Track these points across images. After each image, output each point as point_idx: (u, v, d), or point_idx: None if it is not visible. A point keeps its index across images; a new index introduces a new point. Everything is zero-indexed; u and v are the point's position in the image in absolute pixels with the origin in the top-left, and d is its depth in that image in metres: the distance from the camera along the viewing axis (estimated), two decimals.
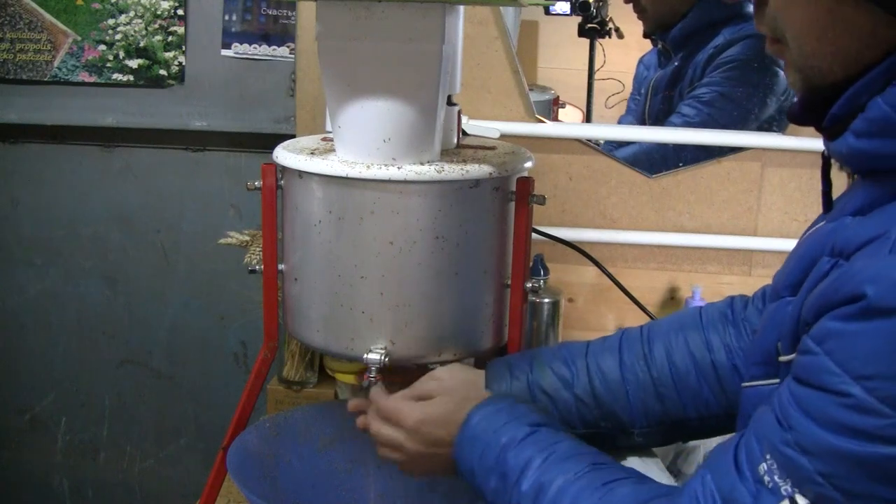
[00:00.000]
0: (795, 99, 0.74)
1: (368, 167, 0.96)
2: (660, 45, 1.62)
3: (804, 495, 0.60)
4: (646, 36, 1.63)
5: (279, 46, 1.72)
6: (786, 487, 0.61)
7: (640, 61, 1.66)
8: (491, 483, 0.82)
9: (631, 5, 1.61)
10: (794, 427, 0.61)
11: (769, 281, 1.01)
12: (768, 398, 0.67)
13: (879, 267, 0.58)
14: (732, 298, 1.00)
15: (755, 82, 1.57)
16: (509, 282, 1.05)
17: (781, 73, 1.55)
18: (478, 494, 0.86)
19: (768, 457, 0.63)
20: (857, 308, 0.58)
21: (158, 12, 1.72)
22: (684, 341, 0.97)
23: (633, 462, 0.99)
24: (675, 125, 1.59)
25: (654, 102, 1.62)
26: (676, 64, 1.60)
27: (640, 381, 0.96)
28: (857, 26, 0.64)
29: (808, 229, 0.79)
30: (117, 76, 1.75)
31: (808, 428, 0.60)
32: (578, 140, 1.60)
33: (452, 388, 0.93)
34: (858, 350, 0.58)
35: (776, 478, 0.62)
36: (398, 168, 0.96)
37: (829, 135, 0.70)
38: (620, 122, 1.68)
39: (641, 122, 1.64)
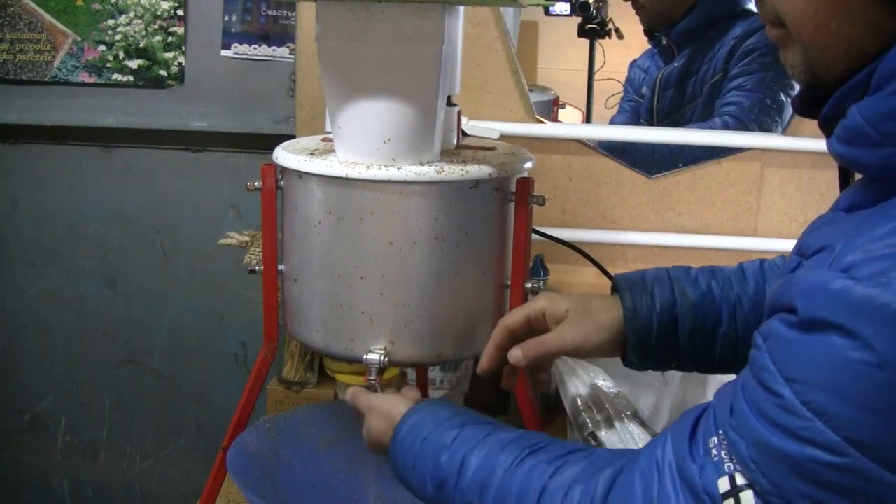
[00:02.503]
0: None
1: (368, 167, 0.96)
2: (664, 42, 1.62)
3: (743, 476, 0.63)
4: (647, 33, 1.63)
5: (279, 47, 1.72)
6: (729, 465, 0.64)
7: (634, 65, 1.66)
8: (429, 490, 0.83)
9: (630, 3, 1.61)
10: (738, 414, 0.64)
11: None
12: None
13: (814, 281, 0.59)
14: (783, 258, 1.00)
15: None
16: (509, 282, 1.06)
17: None
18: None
19: (720, 433, 0.65)
20: (791, 318, 0.60)
21: (158, 13, 1.72)
22: None
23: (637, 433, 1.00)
24: (731, 112, 1.59)
25: (663, 98, 1.63)
26: (684, 59, 1.60)
27: None
28: (860, 16, 0.63)
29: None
30: (117, 76, 1.75)
31: (747, 416, 0.62)
32: (578, 141, 1.60)
33: (377, 405, 0.93)
34: (790, 354, 0.60)
35: (723, 453, 0.64)
36: (398, 168, 0.96)
37: (825, 132, 0.71)
38: (612, 122, 1.68)
39: (648, 119, 1.65)
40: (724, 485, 0.63)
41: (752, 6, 1.61)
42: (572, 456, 0.77)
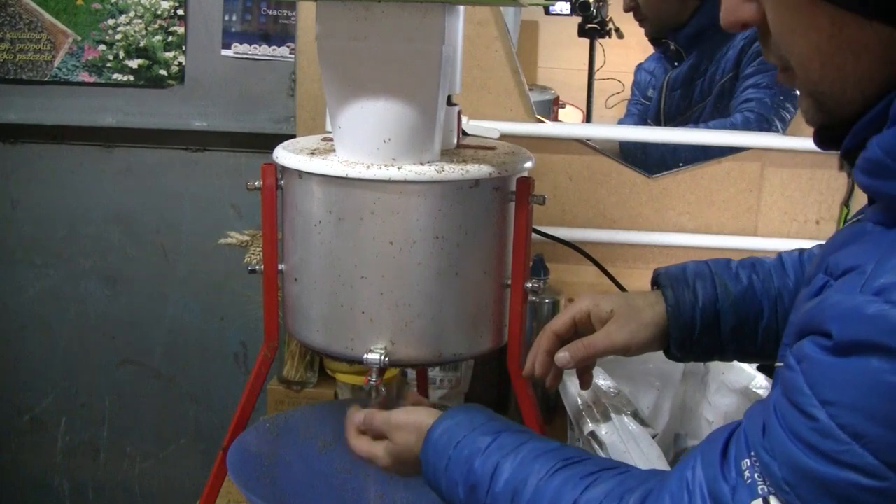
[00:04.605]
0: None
1: (368, 167, 0.96)
2: (672, 46, 1.62)
3: (777, 498, 0.62)
4: (652, 41, 1.63)
5: (279, 46, 1.72)
6: (762, 487, 0.63)
7: (641, 68, 1.66)
8: (460, 495, 0.82)
9: (632, 15, 1.62)
10: (771, 435, 0.63)
11: None
12: None
13: (847, 306, 0.59)
14: (801, 251, 1.01)
15: None
16: (509, 282, 1.05)
17: None
18: None
19: (752, 454, 0.65)
20: (826, 342, 0.60)
21: (158, 12, 1.72)
22: None
23: (635, 453, 1.00)
24: (750, 109, 1.60)
25: (671, 98, 1.63)
26: (691, 61, 1.61)
27: None
28: (865, 49, 0.62)
29: (851, 218, 0.79)
30: (117, 76, 1.75)
31: (780, 438, 0.62)
32: (578, 140, 1.60)
33: (403, 421, 0.92)
34: (826, 377, 0.59)
35: (756, 476, 0.64)
36: (398, 168, 0.96)
37: (848, 161, 0.70)
38: (619, 123, 1.68)
39: (656, 120, 1.65)
40: None
41: None
42: (605, 473, 0.76)
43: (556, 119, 1.67)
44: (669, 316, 0.97)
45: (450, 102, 1.06)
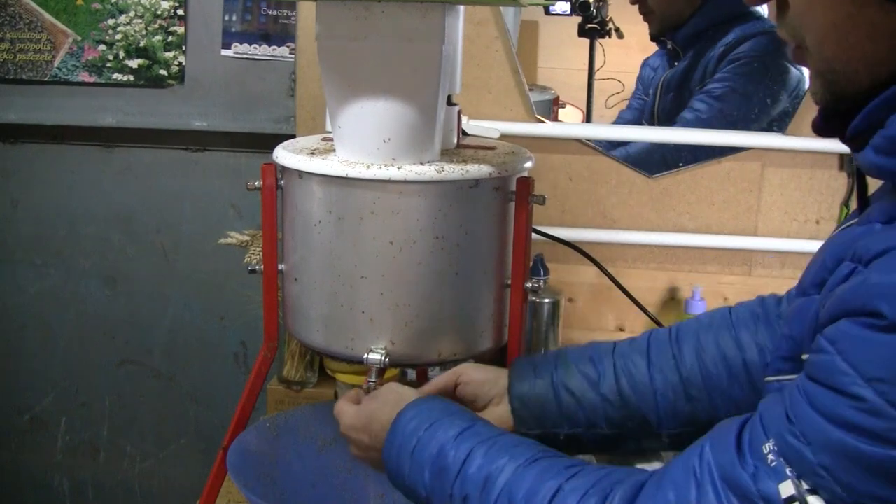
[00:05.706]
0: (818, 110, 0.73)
1: (368, 167, 0.96)
2: (669, 46, 1.62)
3: (807, 482, 0.61)
4: (653, 38, 1.63)
5: (279, 46, 1.72)
6: (790, 469, 0.62)
7: (646, 63, 1.66)
8: (425, 478, 0.82)
9: (637, 7, 1.61)
10: (802, 421, 0.62)
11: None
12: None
13: (893, 283, 0.59)
14: (763, 298, 0.99)
15: (767, 78, 1.58)
16: (509, 282, 1.05)
17: (793, 69, 1.56)
18: (410, 496, 0.85)
19: (772, 441, 0.64)
20: (874, 322, 0.59)
21: (158, 12, 1.72)
22: (715, 341, 0.95)
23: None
24: (688, 119, 1.59)
25: (664, 101, 1.63)
26: (686, 63, 1.60)
27: (668, 381, 0.95)
28: (883, 30, 0.62)
29: (840, 225, 0.79)
30: (117, 76, 1.75)
31: (815, 422, 0.61)
32: (578, 140, 1.60)
33: (389, 386, 0.93)
34: (873, 355, 0.58)
35: (781, 459, 0.63)
36: (398, 168, 0.96)
37: (852, 146, 0.69)
38: (620, 115, 1.68)
39: (650, 120, 1.65)
40: (787, 489, 0.62)
41: (753, 10, 1.60)
42: (589, 466, 0.76)
43: (556, 119, 1.67)
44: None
45: (450, 102, 1.06)
